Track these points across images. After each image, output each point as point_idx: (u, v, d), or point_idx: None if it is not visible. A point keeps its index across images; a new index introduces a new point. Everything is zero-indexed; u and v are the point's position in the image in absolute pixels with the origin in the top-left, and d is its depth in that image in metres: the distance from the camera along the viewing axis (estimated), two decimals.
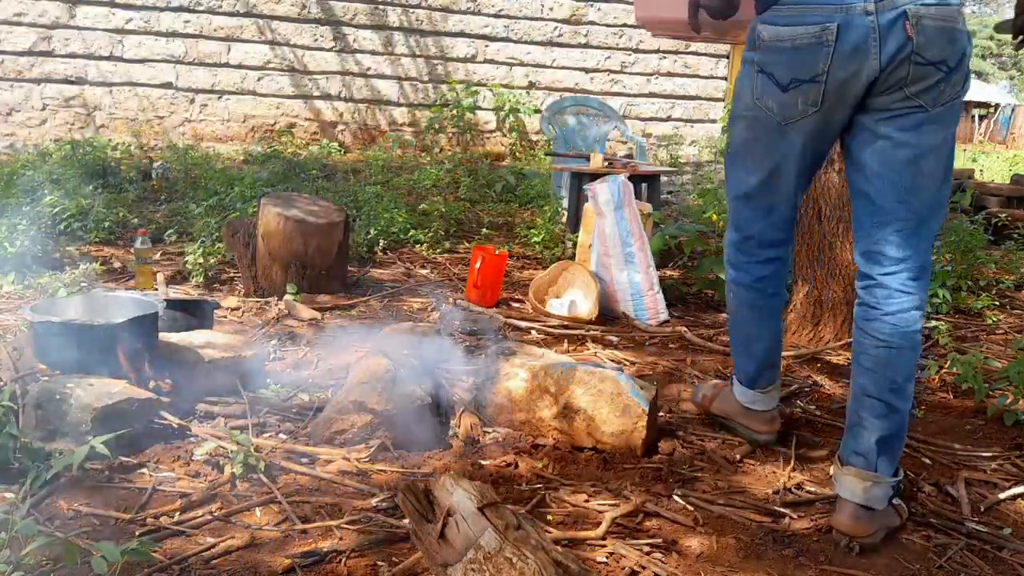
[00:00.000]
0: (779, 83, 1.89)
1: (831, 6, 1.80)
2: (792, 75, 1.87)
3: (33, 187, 4.99)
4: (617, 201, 3.84)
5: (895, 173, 1.87)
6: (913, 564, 1.87)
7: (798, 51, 1.85)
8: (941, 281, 4.33)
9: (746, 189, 2.12)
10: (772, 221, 2.14)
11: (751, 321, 2.26)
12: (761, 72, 1.93)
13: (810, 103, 1.89)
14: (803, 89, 1.87)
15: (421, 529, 1.43)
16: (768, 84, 1.92)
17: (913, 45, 1.77)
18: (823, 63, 1.83)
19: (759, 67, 1.93)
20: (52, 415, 2.11)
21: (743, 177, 2.12)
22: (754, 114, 2.00)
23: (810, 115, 1.91)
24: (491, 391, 2.46)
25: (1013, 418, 2.73)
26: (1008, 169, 12.88)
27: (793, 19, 1.84)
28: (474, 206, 6.40)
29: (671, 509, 2.03)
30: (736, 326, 2.32)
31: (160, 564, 1.65)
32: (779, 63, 1.89)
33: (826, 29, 1.80)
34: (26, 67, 7.77)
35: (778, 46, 1.88)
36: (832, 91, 1.85)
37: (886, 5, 1.77)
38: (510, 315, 3.70)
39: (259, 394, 2.56)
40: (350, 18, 8.61)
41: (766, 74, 1.92)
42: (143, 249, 3.75)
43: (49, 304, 2.57)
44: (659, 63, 9.71)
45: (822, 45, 1.81)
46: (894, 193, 1.88)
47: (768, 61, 1.91)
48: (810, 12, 1.82)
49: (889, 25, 1.77)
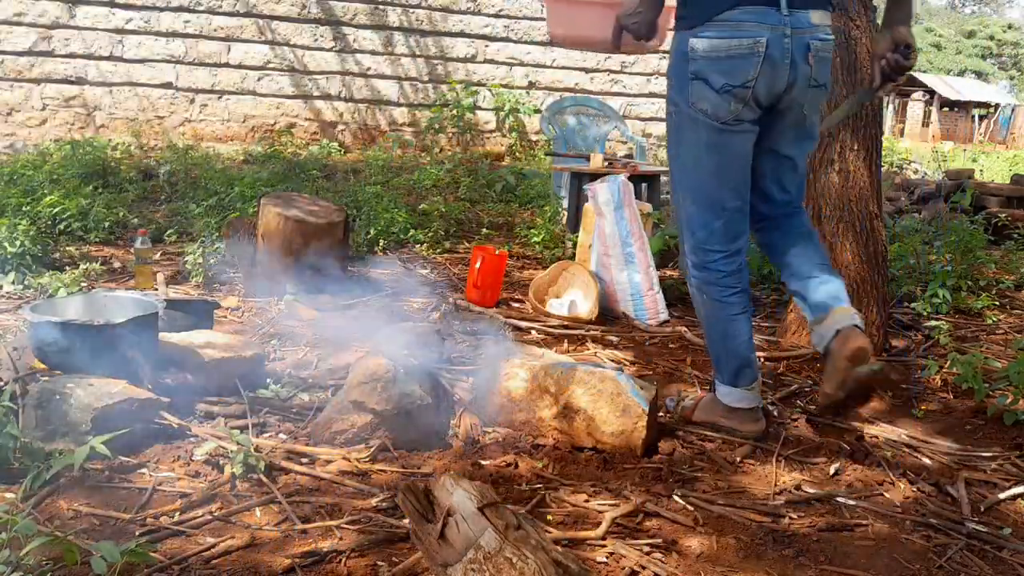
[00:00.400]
0: (714, 87, 2.14)
1: (762, 25, 2.08)
2: (726, 80, 2.13)
3: (33, 187, 4.99)
4: (617, 201, 3.84)
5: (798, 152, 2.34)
6: (913, 564, 1.87)
7: (733, 60, 2.11)
8: (941, 281, 4.33)
9: (699, 191, 2.28)
10: (726, 217, 2.29)
11: (726, 319, 2.36)
12: (696, 79, 2.15)
13: (741, 104, 2.16)
14: (735, 92, 2.13)
15: (421, 529, 1.43)
16: (704, 89, 2.15)
17: (811, 71, 2.16)
18: (753, 71, 2.11)
19: (694, 75, 2.15)
20: (52, 415, 2.11)
21: (694, 181, 2.28)
22: (692, 119, 2.20)
23: (739, 114, 2.17)
24: (491, 391, 2.46)
25: (1013, 418, 2.73)
26: (1008, 169, 12.89)
27: (728, 33, 2.10)
28: (474, 206, 6.40)
29: (671, 509, 2.03)
30: (712, 328, 2.41)
31: (160, 564, 1.65)
32: (715, 70, 2.13)
33: (758, 42, 2.09)
34: (26, 67, 7.77)
35: (714, 56, 2.12)
36: (758, 94, 2.15)
37: (796, 33, 2.11)
38: (510, 315, 3.70)
39: (259, 394, 2.56)
40: (350, 18, 8.61)
41: (701, 80, 2.15)
42: (143, 249, 3.75)
43: (49, 304, 2.57)
44: (659, 63, 9.71)
45: (753, 55, 2.10)
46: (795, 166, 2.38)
47: (703, 69, 2.14)
48: (744, 28, 2.09)
49: (799, 51, 2.13)
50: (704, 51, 2.12)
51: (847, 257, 3.37)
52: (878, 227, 3.41)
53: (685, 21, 2.16)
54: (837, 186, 3.36)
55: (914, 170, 11.08)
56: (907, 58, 2.16)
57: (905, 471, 2.34)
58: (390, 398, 2.27)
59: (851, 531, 2.00)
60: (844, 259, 3.38)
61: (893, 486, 2.26)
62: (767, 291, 4.51)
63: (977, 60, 39.93)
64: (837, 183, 3.36)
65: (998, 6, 53.50)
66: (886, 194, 7.40)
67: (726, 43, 2.10)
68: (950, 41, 40.40)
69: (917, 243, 5.15)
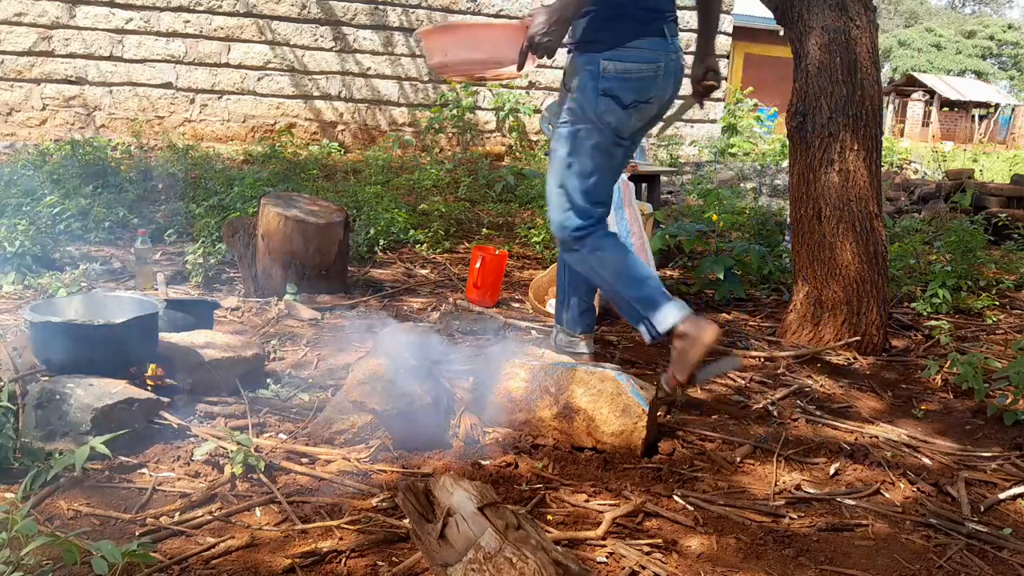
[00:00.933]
0: (622, 103, 2.53)
1: (661, 51, 2.53)
2: (633, 97, 2.53)
3: (33, 187, 4.99)
4: (617, 201, 3.84)
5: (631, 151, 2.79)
6: (913, 564, 1.87)
7: (640, 79, 2.51)
8: (941, 281, 4.34)
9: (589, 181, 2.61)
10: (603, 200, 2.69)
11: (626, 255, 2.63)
12: (605, 95, 2.51)
13: (640, 117, 2.60)
14: (638, 107, 2.56)
15: (421, 529, 1.43)
16: (612, 104, 2.52)
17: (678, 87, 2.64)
18: (654, 90, 2.55)
19: (604, 92, 2.51)
20: (52, 415, 2.11)
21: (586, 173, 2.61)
22: (596, 128, 2.55)
23: (636, 125, 2.61)
24: (491, 391, 2.46)
25: (1013, 418, 2.73)
26: (1008, 169, 12.89)
27: (636, 57, 2.50)
28: (474, 206, 6.41)
29: (671, 509, 2.03)
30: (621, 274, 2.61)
31: (160, 564, 1.65)
32: (624, 89, 2.51)
33: (659, 66, 2.53)
34: (26, 67, 7.77)
35: (624, 76, 2.50)
36: (655, 109, 2.62)
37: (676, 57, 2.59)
38: (510, 315, 3.70)
39: (259, 394, 2.56)
40: (350, 18, 8.61)
41: (610, 97, 2.51)
42: (143, 249, 3.75)
43: (49, 304, 2.57)
44: None
45: (656, 77, 2.54)
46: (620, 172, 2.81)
47: (613, 87, 2.50)
48: (648, 53, 2.51)
49: (677, 70, 2.60)
50: (616, 72, 2.50)
51: (847, 257, 3.37)
52: (878, 227, 3.41)
53: (597, 45, 2.51)
54: (837, 186, 3.36)
55: (914, 170, 11.08)
56: (717, 81, 2.78)
57: (905, 471, 2.34)
58: (390, 398, 2.27)
59: (851, 531, 2.01)
60: (844, 259, 3.38)
61: (893, 486, 2.26)
62: (767, 291, 4.51)
63: (977, 60, 39.91)
64: (837, 183, 3.36)
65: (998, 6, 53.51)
66: (886, 194, 7.40)
67: (636, 66, 2.50)
68: (950, 41, 40.39)
69: (917, 243, 5.16)
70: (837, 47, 3.33)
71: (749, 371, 3.16)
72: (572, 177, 2.60)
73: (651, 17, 2.52)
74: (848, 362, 3.32)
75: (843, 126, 3.34)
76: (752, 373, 3.13)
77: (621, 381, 2.35)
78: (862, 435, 2.59)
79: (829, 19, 3.33)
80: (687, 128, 9.96)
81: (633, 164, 5.29)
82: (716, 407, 2.77)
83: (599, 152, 2.58)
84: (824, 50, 3.34)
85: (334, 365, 2.88)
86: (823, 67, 3.35)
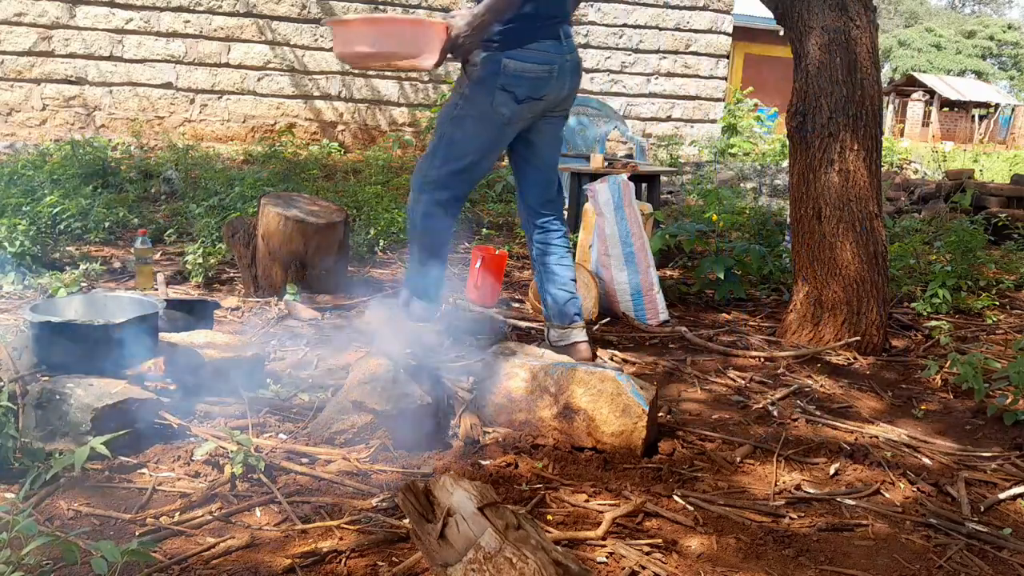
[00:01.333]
0: (517, 98, 2.77)
1: (555, 54, 2.77)
2: (528, 94, 2.77)
3: (33, 187, 4.99)
4: (617, 201, 3.84)
5: (554, 150, 3.09)
6: (913, 564, 1.87)
7: (536, 79, 2.76)
8: (941, 281, 4.33)
9: (466, 166, 2.87)
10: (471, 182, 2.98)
11: (446, 243, 3.02)
12: (503, 90, 2.74)
13: (532, 112, 2.84)
14: (531, 103, 2.80)
15: (421, 529, 1.43)
16: (507, 98, 2.76)
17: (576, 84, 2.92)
18: (547, 88, 2.80)
19: (502, 86, 2.74)
20: (52, 415, 2.11)
21: (466, 158, 2.85)
22: (488, 117, 2.79)
23: (527, 118, 2.86)
24: (491, 391, 2.46)
25: (1013, 418, 2.73)
26: (1008, 169, 12.88)
27: (534, 58, 2.74)
28: (474, 206, 6.41)
29: (671, 509, 2.03)
30: (439, 248, 2.99)
31: (160, 564, 1.65)
32: (520, 85, 2.74)
33: (553, 67, 2.78)
34: (26, 67, 7.77)
35: (521, 74, 2.73)
36: (544, 104, 2.85)
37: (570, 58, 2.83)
38: (510, 315, 3.70)
39: (259, 394, 2.56)
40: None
41: (507, 92, 2.75)
42: (143, 249, 3.75)
43: (49, 304, 2.57)
44: (659, 63, 9.71)
45: (551, 77, 2.79)
46: (553, 162, 3.10)
47: (511, 83, 2.74)
48: (545, 55, 2.75)
49: (571, 69, 2.85)
50: (515, 70, 2.73)
51: (847, 257, 3.37)
52: (878, 227, 3.41)
53: (499, 44, 2.72)
54: (837, 186, 3.36)
55: (914, 170, 11.08)
56: None
57: (905, 471, 2.34)
58: (390, 398, 2.27)
59: (851, 531, 2.01)
60: (844, 259, 3.38)
61: (893, 486, 2.26)
62: (767, 291, 4.51)
63: (977, 60, 39.91)
64: (837, 183, 3.36)
65: (998, 6, 53.51)
66: (886, 194, 7.40)
67: (532, 66, 2.74)
68: (950, 41, 40.38)
69: (917, 243, 5.16)
70: (837, 47, 3.33)
71: (749, 371, 3.16)
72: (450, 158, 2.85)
73: (549, 22, 2.75)
74: (848, 362, 3.32)
75: (843, 126, 3.34)
76: (752, 373, 3.13)
77: (621, 381, 2.35)
78: (862, 435, 2.59)
79: (829, 19, 3.33)
80: (687, 128, 9.96)
81: (633, 164, 5.29)
82: (715, 407, 2.77)
83: (483, 140, 2.84)
84: (824, 50, 3.34)
85: (334, 365, 2.88)
86: (823, 67, 3.34)
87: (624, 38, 9.48)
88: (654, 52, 9.63)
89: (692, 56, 9.80)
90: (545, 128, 2.97)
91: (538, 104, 2.82)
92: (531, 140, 2.98)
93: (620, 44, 9.48)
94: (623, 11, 9.38)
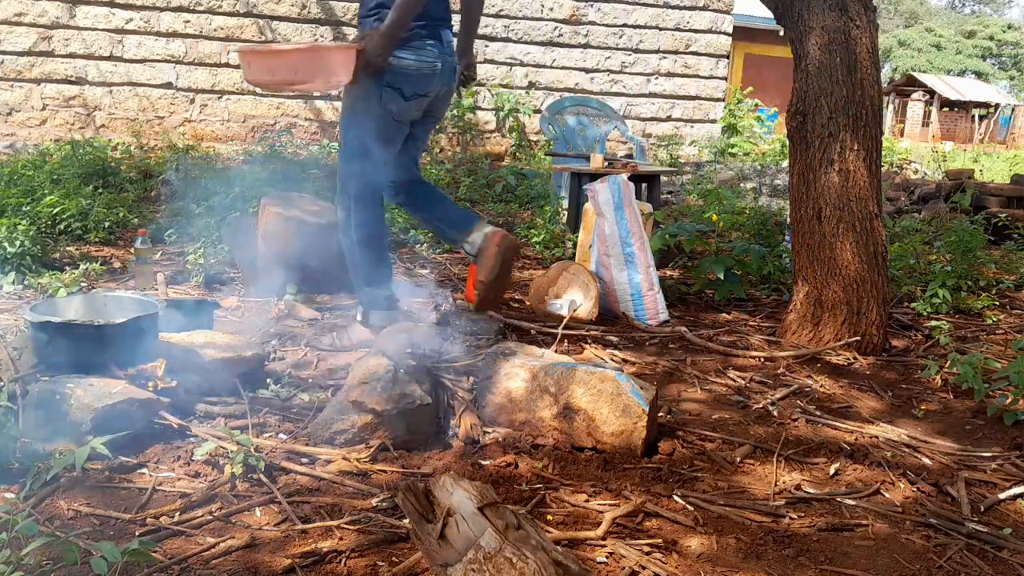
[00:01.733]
0: (404, 95, 2.95)
1: (438, 52, 2.98)
2: (414, 90, 2.96)
3: (33, 187, 4.99)
4: (617, 201, 3.84)
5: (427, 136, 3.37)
6: (913, 564, 1.87)
7: (420, 76, 2.95)
8: (941, 281, 4.33)
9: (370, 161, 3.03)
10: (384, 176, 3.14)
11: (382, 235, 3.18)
12: (390, 87, 2.91)
13: (418, 107, 3.04)
14: (418, 99, 3.00)
15: (421, 529, 1.43)
16: (394, 95, 2.93)
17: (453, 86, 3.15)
18: (431, 84, 3.00)
19: (388, 84, 2.91)
20: (52, 415, 2.11)
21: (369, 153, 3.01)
22: (378, 114, 2.96)
23: (415, 114, 3.06)
24: (491, 391, 2.46)
25: (1013, 418, 2.73)
26: (1008, 169, 12.88)
27: (418, 56, 2.92)
28: (474, 206, 6.41)
29: (671, 509, 2.03)
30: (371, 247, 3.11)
31: (160, 564, 1.65)
32: (406, 83, 2.93)
33: (436, 64, 2.98)
34: (26, 67, 7.77)
35: (406, 72, 2.91)
36: (428, 100, 3.06)
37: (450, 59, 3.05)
38: (510, 315, 3.70)
39: (259, 394, 2.56)
40: (350, 18, 8.60)
41: (394, 89, 2.92)
42: (143, 249, 3.75)
43: (49, 304, 2.57)
44: (659, 63, 9.71)
45: (434, 74, 2.99)
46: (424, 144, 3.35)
47: (397, 81, 2.91)
48: (428, 54, 2.95)
49: (450, 71, 3.08)
50: (400, 68, 2.90)
51: (847, 257, 3.37)
52: (878, 227, 3.41)
53: None
54: (837, 186, 3.36)
55: (914, 170, 11.07)
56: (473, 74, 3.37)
57: (905, 471, 2.34)
58: (390, 398, 2.27)
59: (851, 531, 2.01)
60: (844, 259, 3.38)
61: (893, 486, 2.26)
62: (767, 291, 4.51)
63: (977, 60, 39.90)
64: (837, 183, 3.36)
65: (998, 6, 53.50)
66: (886, 194, 7.39)
67: (416, 63, 2.92)
68: (950, 41, 40.37)
69: (917, 243, 5.16)
70: (837, 47, 3.33)
71: (749, 371, 3.16)
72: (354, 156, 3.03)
73: (432, 23, 2.95)
74: (848, 362, 3.32)
75: (843, 126, 3.33)
76: (752, 373, 3.13)
77: (621, 381, 2.35)
78: (862, 435, 2.59)
79: (829, 19, 3.33)
80: (687, 128, 9.96)
81: (633, 164, 5.29)
82: (715, 407, 2.77)
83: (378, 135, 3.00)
84: (824, 50, 3.34)
85: (334, 365, 2.89)
86: (823, 67, 3.34)
87: (624, 38, 9.47)
88: (654, 52, 9.62)
89: (692, 56, 9.79)
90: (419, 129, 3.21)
91: (424, 100, 3.03)
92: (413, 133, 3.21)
93: (620, 44, 9.47)
94: (623, 11, 9.38)
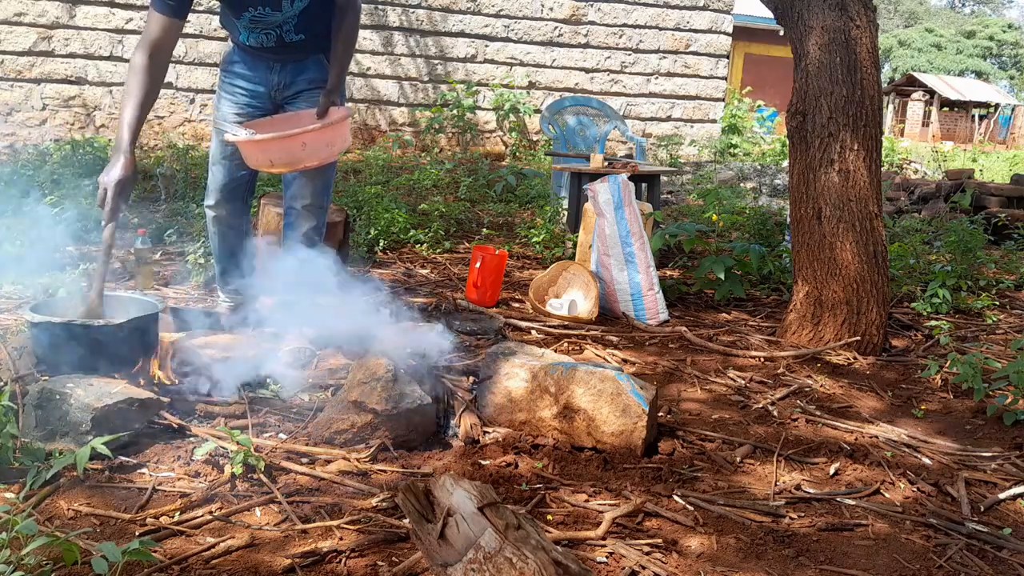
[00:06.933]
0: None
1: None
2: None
3: (33, 187, 4.99)
4: (617, 201, 3.84)
5: None
6: (913, 564, 1.87)
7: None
8: (941, 281, 4.33)
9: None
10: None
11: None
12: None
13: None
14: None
15: (421, 529, 1.43)
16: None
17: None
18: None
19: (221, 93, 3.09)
20: (52, 415, 2.11)
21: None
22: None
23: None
24: (491, 391, 2.46)
25: (1013, 418, 2.73)
26: (1008, 169, 12.88)
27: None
28: (474, 206, 6.41)
29: (671, 509, 2.03)
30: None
31: (160, 564, 1.65)
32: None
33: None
34: (26, 67, 7.77)
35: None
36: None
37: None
38: (510, 315, 3.70)
39: (259, 394, 2.56)
40: None
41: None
42: (143, 249, 3.74)
43: (49, 304, 2.57)
44: (659, 63, 9.71)
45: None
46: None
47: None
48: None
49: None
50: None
51: (847, 257, 3.38)
52: (878, 227, 3.41)
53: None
54: (837, 186, 3.36)
55: (914, 170, 11.07)
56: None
57: (905, 471, 2.34)
58: (390, 398, 2.27)
59: (851, 531, 2.01)
60: (844, 259, 3.38)
61: (893, 486, 2.26)
62: (767, 291, 4.51)
63: (977, 60, 39.88)
64: (837, 183, 3.36)
65: (998, 6, 53.49)
66: (886, 194, 7.40)
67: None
68: (950, 41, 40.36)
69: (917, 243, 5.16)
70: (837, 47, 3.33)
71: (749, 371, 3.16)
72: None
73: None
74: (848, 362, 3.32)
75: (843, 126, 3.34)
76: (752, 373, 3.13)
77: (621, 381, 2.35)
78: (862, 435, 2.59)
79: (829, 19, 3.33)
80: (687, 128, 9.96)
81: (633, 164, 5.29)
82: (715, 407, 2.77)
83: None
84: (824, 50, 3.34)
85: (334, 365, 2.88)
86: (823, 67, 3.34)
87: (624, 38, 9.48)
88: (654, 52, 9.62)
89: (692, 56, 9.80)
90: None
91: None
92: None
93: (620, 44, 9.47)
94: (623, 11, 9.38)
